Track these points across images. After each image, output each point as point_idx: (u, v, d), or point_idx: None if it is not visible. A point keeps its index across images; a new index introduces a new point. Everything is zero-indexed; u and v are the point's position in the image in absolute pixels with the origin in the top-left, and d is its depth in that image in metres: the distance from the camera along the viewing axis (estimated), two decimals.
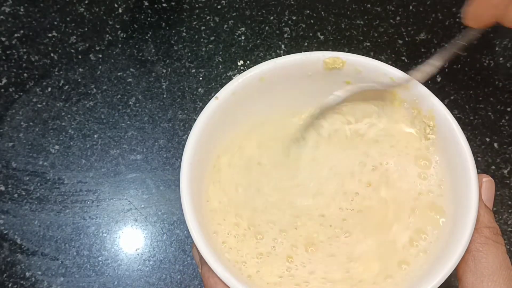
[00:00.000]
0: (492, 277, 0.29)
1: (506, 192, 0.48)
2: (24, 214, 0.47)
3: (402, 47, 0.53)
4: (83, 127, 0.50)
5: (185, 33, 0.54)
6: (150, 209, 0.47)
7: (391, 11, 0.55)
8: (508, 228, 0.47)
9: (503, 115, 0.51)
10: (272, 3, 0.56)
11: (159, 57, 0.53)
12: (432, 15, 0.55)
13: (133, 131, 0.50)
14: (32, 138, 0.50)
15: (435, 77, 0.52)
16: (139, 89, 0.52)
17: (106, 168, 0.49)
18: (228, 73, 0.53)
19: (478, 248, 0.30)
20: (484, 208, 0.31)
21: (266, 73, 0.36)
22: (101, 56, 0.53)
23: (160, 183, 0.48)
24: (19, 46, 0.54)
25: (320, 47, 0.53)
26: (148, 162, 0.49)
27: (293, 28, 0.54)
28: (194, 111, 0.51)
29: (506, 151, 0.49)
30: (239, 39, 0.54)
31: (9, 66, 0.53)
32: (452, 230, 0.32)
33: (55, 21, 0.55)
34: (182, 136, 0.50)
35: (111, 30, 0.54)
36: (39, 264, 0.46)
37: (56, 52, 0.53)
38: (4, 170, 0.49)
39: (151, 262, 0.46)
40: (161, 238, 0.46)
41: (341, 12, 0.55)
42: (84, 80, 0.52)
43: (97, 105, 0.51)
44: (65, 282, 0.45)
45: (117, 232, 0.47)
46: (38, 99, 0.51)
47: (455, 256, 0.30)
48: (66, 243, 0.46)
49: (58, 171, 0.49)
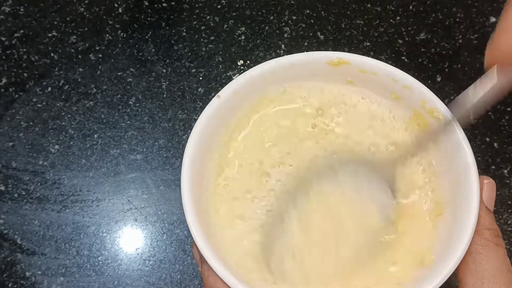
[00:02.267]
0: (493, 279, 0.29)
1: (506, 192, 0.48)
2: (24, 214, 0.47)
3: (402, 46, 0.53)
4: (83, 127, 0.50)
5: (185, 33, 0.54)
6: (150, 209, 0.47)
7: (391, 11, 0.55)
8: (508, 228, 0.47)
9: (503, 115, 0.51)
10: (272, 3, 0.56)
11: (159, 57, 0.53)
12: (432, 15, 0.55)
13: (133, 130, 0.50)
14: (32, 138, 0.50)
15: (435, 77, 0.52)
16: (139, 88, 0.52)
17: (106, 168, 0.49)
18: (228, 72, 0.52)
19: (479, 250, 0.30)
20: (485, 210, 0.31)
21: (268, 72, 0.36)
22: (101, 56, 0.53)
23: (160, 183, 0.48)
24: (19, 46, 0.54)
25: (320, 47, 0.53)
26: (148, 162, 0.49)
27: (293, 28, 0.54)
28: (194, 111, 0.51)
29: (506, 150, 0.49)
30: (239, 39, 0.54)
31: (9, 66, 0.53)
32: (452, 231, 0.32)
33: (55, 21, 0.55)
34: (182, 136, 0.50)
35: (111, 30, 0.54)
36: (39, 264, 0.46)
37: (56, 52, 0.53)
38: (4, 170, 0.49)
39: (151, 261, 0.46)
40: (161, 237, 0.46)
41: (341, 11, 0.55)
42: (84, 80, 0.52)
43: (97, 105, 0.51)
44: (65, 282, 0.45)
45: (117, 232, 0.47)
46: (38, 99, 0.51)
47: (455, 257, 0.30)
48: (66, 243, 0.46)
49: (58, 171, 0.49)
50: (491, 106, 0.27)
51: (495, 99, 0.26)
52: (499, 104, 0.51)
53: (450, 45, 0.53)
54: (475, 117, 0.28)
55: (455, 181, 0.33)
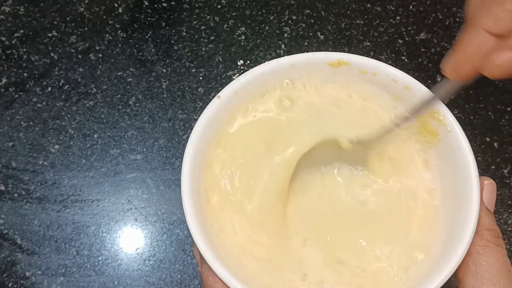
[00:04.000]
0: (493, 279, 0.29)
1: (506, 192, 0.48)
2: (24, 214, 0.47)
3: (402, 46, 0.53)
4: (83, 126, 0.50)
5: (185, 33, 0.54)
6: (150, 209, 0.47)
7: (391, 11, 0.55)
8: (508, 228, 0.47)
9: (503, 115, 0.51)
10: (272, 3, 0.56)
11: (159, 57, 0.53)
12: (432, 15, 0.55)
13: (133, 130, 0.50)
14: (32, 137, 0.50)
15: (435, 77, 0.52)
16: (139, 88, 0.52)
17: (106, 168, 0.49)
18: (228, 72, 0.52)
19: (479, 251, 0.30)
20: (485, 211, 0.31)
21: (269, 72, 0.36)
22: (101, 56, 0.53)
23: (160, 182, 0.48)
24: (19, 45, 0.54)
25: (320, 47, 0.53)
26: (148, 161, 0.49)
27: (293, 28, 0.54)
28: (194, 111, 0.51)
29: (506, 150, 0.49)
30: (239, 39, 0.54)
31: (9, 66, 0.53)
32: (453, 232, 0.32)
33: (55, 21, 0.55)
34: (182, 136, 0.50)
35: (111, 30, 0.54)
36: (39, 263, 0.46)
37: (56, 52, 0.53)
38: (4, 170, 0.49)
39: (151, 261, 0.46)
40: (161, 237, 0.46)
41: (341, 11, 0.55)
42: (84, 80, 0.52)
43: (97, 104, 0.51)
44: (65, 281, 0.45)
45: (117, 231, 0.47)
46: (38, 99, 0.51)
47: (455, 259, 0.30)
48: (66, 242, 0.46)
49: (58, 170, 0.49)
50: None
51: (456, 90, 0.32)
52: (499, 103, 0.51)
53: (450, 45, 0.53)
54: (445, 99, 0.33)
55: (455, 182, 0.33)
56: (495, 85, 0.52)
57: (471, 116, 0.50)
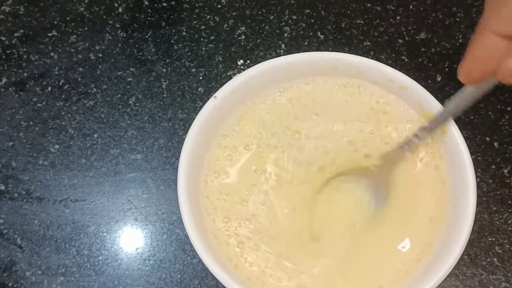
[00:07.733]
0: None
1: (506, 192, 0.48)
2: (24, 214, 0.47)
3: (402, 46, 0.53)
4: (83, 126, 0.50)
5: (185, 33, 0.54)
6: (150, 209, 0.47)
7: (391, 11, 0.55)
8: (508, 228, 0.47)
9: (503, 115, 0.51)
10: (272, 3, 0.56)
11: (159, 57, 0.53)
12: (432, 15, 0.55)
13: (133, 130, 0.50)
14: (32, 137, 0.50)
15: (435, 77, 0.52)
16: (139, 88, 0.52)
17: (106, 168, 0.49)
18: (228, 72, 0.52)
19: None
20: None
21: (266, 72, 0.36)
22: (101, 56, 0.53)
23: (160, 182, 0.48)
24: (19, 45, 0.54)
25: (320, 47, 0.53)
26: (148, 161, 0.49)
27: (293, 28, 0.54)
28: (194, 111, 0.51)
29: (506, 150, 0.49)
30: (239, 39, 0.54)
31: (9, 66, 0.53)
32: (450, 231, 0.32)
33: (55, 21, 0.55)
34: (182, 136, 0.50)
35: (111, 30, 0.54)
36: (39, 263, 0.46)
37: (56, 52, 0.53)
38: (4, 169, 0.49)
39: (151, 261, 0.46)
40: (161, 237, 0.46)
41: (341, 11, 0.55)
42: (84, 80, 0.52)
43: (97, 104, 0.51)
44: (65, 281, 0.45)
45: (117, 231, 0.47)
46: (38, 99, 0.51)
47: (453, 255, 0.30)
48: (66, 242, 0.46)
49: (58, 170, 0.49)
50: (475, 103, 0.32)
51: (473, 99, 0.31)
52: (499, 103, 0.51)
53: (450, 44, 0.53)
54: (458, 114, 0.32)
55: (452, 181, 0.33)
56: (495, 85, 0.52)
57: (471, 115, 0.50)
